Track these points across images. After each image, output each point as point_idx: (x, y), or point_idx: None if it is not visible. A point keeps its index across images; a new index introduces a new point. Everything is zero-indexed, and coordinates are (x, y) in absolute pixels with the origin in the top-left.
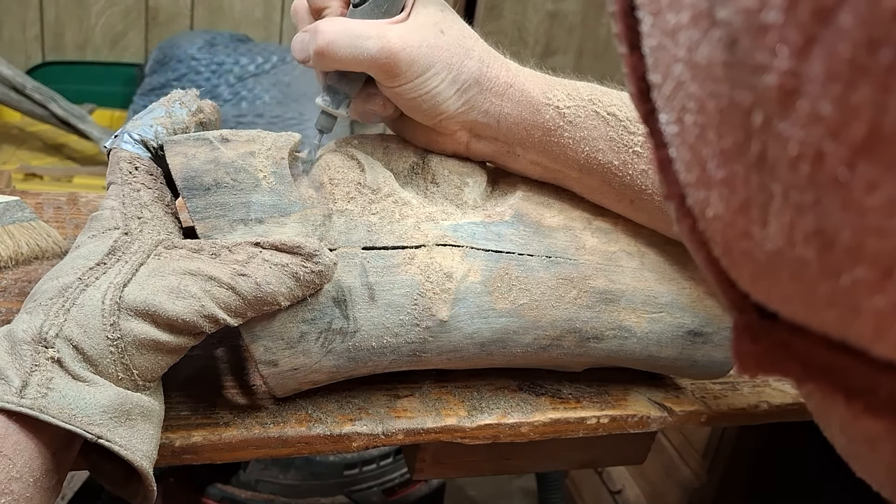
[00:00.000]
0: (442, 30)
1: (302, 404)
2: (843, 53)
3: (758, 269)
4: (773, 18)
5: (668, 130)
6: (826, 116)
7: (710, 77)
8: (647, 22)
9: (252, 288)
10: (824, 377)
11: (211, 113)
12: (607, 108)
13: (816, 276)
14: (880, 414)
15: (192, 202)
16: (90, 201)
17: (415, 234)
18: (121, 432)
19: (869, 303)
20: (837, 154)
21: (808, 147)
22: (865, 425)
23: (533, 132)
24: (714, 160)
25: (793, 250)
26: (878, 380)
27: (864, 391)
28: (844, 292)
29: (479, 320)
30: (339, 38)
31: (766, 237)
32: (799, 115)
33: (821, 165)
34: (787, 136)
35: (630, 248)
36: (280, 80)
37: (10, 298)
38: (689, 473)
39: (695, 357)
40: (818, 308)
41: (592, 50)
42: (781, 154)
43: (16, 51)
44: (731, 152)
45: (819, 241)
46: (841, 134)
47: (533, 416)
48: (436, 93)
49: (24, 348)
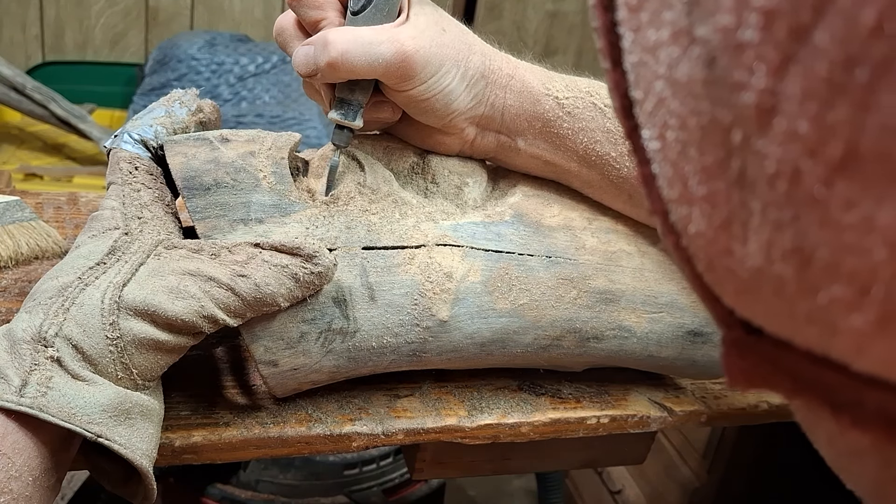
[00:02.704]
0: (443, 28)
1: (302, 404)
2: (820, 72)
3: (740, 286)
4: (750, 37)
5: (650, 146)
6: (803, 135)
7: (691, 94)
8: (629, 38)
9: (251, 289)
10: (811, 391)
11: (211, 113)
12: (605, 100)
13: (795, 293)
14: (866, 428)
15: (191, 202)
16: (90, 201)
17: (415, 234)
18: (120, 431)
19: (846, 321)
20: (815, 172)
21: (786, 165)
22: (852, 439)
23: (534, 123)
24: (695, 177)
25: (772, 267)
26: (863, 394)
27: (850, 405)
28: (822, 310)
29: (479, 320)
30: (353, 46)
31: (746, 254)
32: (776, 133)
33: (798, 183)
34: (765, 153)
35: (630, 248)
36: (280, 80)
37: (10, 298)
38: (689, 473)
39: (695, 357)
40: (799, 325)
41: (592, 50)
42: (760, 171)
43: (16, 51)
44: (712, 169)
45: (797, 259)
46: (818, 152)
47: (533, 416)
48: (448, 90)
49: (23, 347)
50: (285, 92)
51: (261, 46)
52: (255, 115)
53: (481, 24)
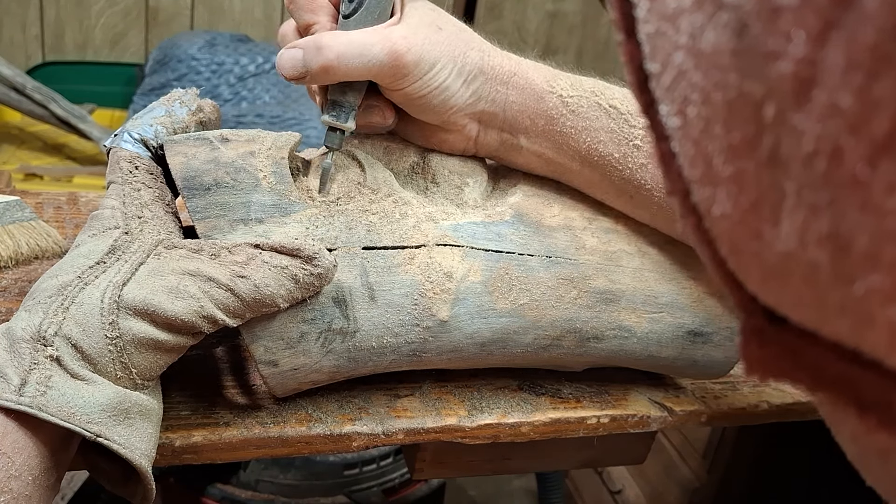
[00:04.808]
0: (439, 26)
1: (302, 404)
2: (866, 40)
3: (767, 272)
4: (788, 0)
5: (669, 123)
6: (845, 109)
7: (717, 66)
8: (644, 6)
9: (251, 290)
10: (836, 387)
11: (211, 112)
12: (609, 100)
13: (829, 281)
14: (894, 429)
15: (191, 202)
16: (90, 201)
17: (415, 234)
18: (120, 431)
19: (884, 313)
20: (857, 150)
21: (825, 142)
22: (878, 439)
23: (537, 120)
24: (721, 156)
25: (805, 253)
26: (892, 393)
27: (878, 405)
28: (858, 300)
29: (480, 320)
30: (347, 49)
31: (776, 238)
32: (815, 108)
33: (839, 163)
34: (801, 129)
35: (630, 247)
36: (280, 81)
37: (10, 298)
38: (689, 473)
39: (695, 357)
40: (830, 315)
41: (592, 50)
42: (796, 150)
43: (16, 51)
44: (741, 148)
45: (833, 245)
46: (861, 128)
47: (533, 416)
48: (444, 87)
49: (22, 346)
50: (285, 92)
51: (261, 46)
52: (255, 115)
53: (481, 24)
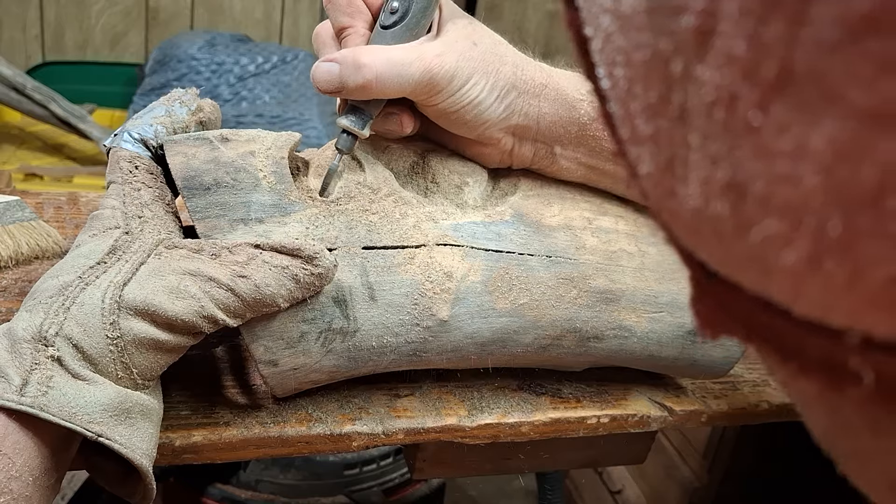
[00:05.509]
0: (474, 42)
1: (302, 404)
2: None
3: (685, 229)
4: None
5: (603, 85)
6: (739, 56)
7: (635, 26)
8: None
9: (251, 290)
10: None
11: (211, 112)
12: None
13: (732, 232)
14: (812, 376)
15: (191, 202)
16: (90, 201)
17: (415, 234)
18: (121, 430)
19: (780, 258)
20: (750, 96)
21: (723, 90)
22: (801, 387)
23: (570, 128)
24: (642, 116)
25: (709, 206)
26: (806, 341)
27: (796, 352)
28: (757, 248)
29: (480, 320)
30: (385, 70)
31: (686, 195)
32: (714, 57)
33: (734, 109)
34: (703, 80)
35: (630, 247)
36: (280, 80)
37: (10, 298)
38: (689, 473)
39: (695, 356)
40: (739, 267)
41: None
42: (698, 102)
43: (16, 51)
44: (656, 106)
45: (732, 194)
46: (753, 74)
47: (533, 416)
48: (477, 102)
49: (23, 346)
50: (285, 92)
51: (261, 46)
52: (255, 115)
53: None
